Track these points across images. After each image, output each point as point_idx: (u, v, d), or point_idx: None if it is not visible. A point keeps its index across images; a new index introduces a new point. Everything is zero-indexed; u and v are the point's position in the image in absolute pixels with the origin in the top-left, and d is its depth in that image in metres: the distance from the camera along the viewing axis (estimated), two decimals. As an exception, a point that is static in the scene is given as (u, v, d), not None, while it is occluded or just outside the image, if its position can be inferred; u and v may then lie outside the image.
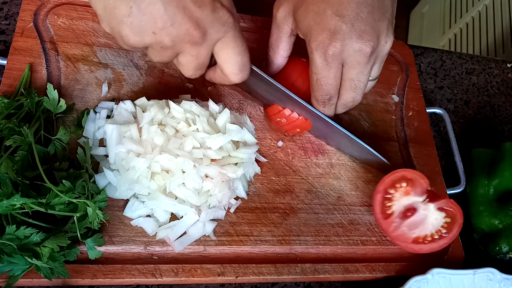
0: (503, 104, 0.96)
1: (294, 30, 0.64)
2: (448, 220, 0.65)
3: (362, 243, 0.67)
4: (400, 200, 0.66)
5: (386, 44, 0.60)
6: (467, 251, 0.72)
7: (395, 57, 0.87)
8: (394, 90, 0.84)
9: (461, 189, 0.77)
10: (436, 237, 0.64)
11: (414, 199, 0.65)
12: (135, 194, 0.58)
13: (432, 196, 0.65)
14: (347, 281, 0.66)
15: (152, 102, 0.63)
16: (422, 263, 0.68)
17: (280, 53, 0.67)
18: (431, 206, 0.65)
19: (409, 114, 0.82)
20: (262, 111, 0.72)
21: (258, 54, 0.76)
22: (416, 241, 0.65)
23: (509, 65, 1.01)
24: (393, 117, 0.81)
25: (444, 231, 0.64)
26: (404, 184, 0.66)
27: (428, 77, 0.93)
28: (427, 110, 0.83)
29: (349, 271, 0.64)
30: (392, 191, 0.66)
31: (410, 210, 0.65)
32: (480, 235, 0.74)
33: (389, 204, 0.66)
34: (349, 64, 0.59)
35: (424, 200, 0.65)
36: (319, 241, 0.65)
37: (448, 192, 0.76)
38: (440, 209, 0.65)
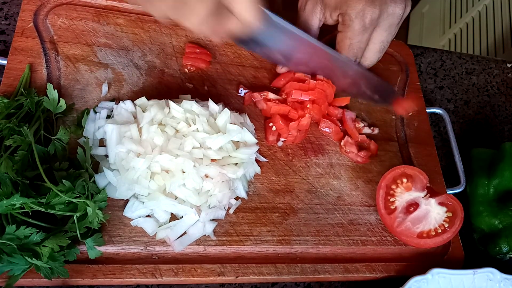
0: (503, 104, 0.96)
1: (322, 19, 0.68)
2: (450, 214, 0.66)
3: (362, 243, 0.67)
4: (402, 195, 0.67)
5: (407, 8, 0.67)
6: (467, 251, 0.72)
7: (395, 57, 0.87)
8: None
9: (461, 189, 0.77)
10: (440, 231, 0.65)
11: (416, 194, 0.67)
12: (135, 194, 0.58)
13: (431, 192, 0.67)
14: (347, 281, 0.66)
15: (152, 102, 0.63)
16: (422, 263, 0.68)
17: None
18: (432, 201, 0.66)
19: (409, 114, 0.81)
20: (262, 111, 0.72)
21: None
22: (420, 235, 0.66)
23: (509, 65, 1.01)
24: (393, 117, 0.81)
25: (446, 225, 0.65)
26: (404, 180, 0.67)
27: (428, 77, 0.93)
28: (427, 110, 0.83)
29: (349, 271, 0.64)
30: (394, 186, 0.67)
31: (412, 205, 0.66)
32: (480, 235, 0.74)
33: (392, 199, 0.67)
34: (382, 27, 0.66)
35: (425, 196, 0.66)
36: (319, 241, 0.65)
37: (448, 193, 0.75)
38: (441, 203, 0.66)
